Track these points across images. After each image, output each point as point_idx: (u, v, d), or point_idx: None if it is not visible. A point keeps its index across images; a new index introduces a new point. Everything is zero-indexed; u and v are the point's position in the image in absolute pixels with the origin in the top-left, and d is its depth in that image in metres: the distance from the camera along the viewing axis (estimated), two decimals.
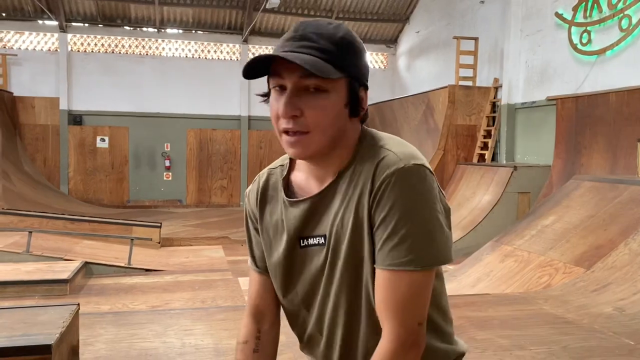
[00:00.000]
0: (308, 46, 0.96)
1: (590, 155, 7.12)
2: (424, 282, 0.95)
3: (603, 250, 4.39)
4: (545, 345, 2.92)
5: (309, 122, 0.97)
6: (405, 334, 0.94)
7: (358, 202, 0.99)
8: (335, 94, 0.97)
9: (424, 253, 0.94)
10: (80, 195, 12.22)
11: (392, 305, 0.95)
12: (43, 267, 5.47)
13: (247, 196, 1.18)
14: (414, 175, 0.95)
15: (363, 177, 0.99)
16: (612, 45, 6.83)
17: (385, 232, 0.95)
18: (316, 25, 0.99)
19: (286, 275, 1.09)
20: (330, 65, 0.95)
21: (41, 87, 12.06)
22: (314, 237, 1.04)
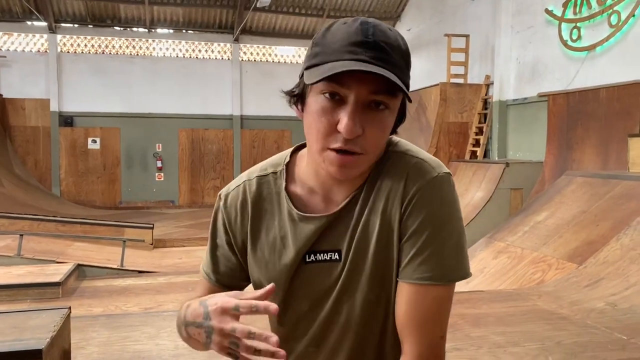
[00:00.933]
0: (382, 58, 0.84)
1: (582, 151, 7.15)
2: (448, 295, 0.93)
3: (595, 246, 4.40)
4: (539, 342, 2.93)
5: (369, 142, 0.87)
6: (428, 349, 0.91)
7: (384, 213, 0.92)
8: (393, 112, 0.89)
9: (453, 267, 0.91)
10: (72, 197, 12.14)
11: (417, 320, 0.91)
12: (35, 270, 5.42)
13: (224, 200, 1.04)
14: (446, 186, 0.92)
15: (389, 186, 0.93)
16: (602, 41, 6.87)
17: (416, 244, 0.90)
18: (382, 31, 0.86)
19: (285, 292, 1.00)
20: (401, 81, 0.85)
21: (31, 88, 11.97)
22: (325, 253, 0.96)
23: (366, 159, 0.89)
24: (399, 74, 0.85)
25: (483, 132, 9.02)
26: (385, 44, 0.85)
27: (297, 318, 1.01)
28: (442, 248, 0.90)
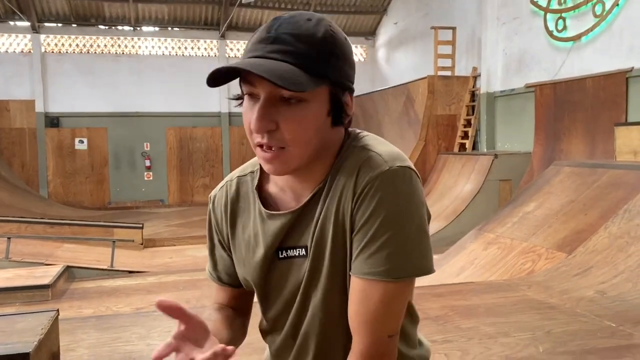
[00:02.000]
0: (283, 51, 0.84)
1: (569, 141, 7.20)
2: (399, 293, 0.89)
3: (584, 235, 4.43)
4: (530, 331, 2.94)
5: (286, 136, 0.86)
6: (373, 347, 0.89)
7: (338, 208, 0.92)
8: (316, 103, 0.87)
9: (403, 263, 0.87)
10: (60, 198, 12.04)
11: (363, 316, 0.89)
12: (23, 273, 5.38)
13: (212, 201, 1.08)
14: (399, 179, 0.88)
15: (343, 181, 0.91)
16: (587, 31, 6.90)
17: (365, 238, 0.88)
18: (293, 24, 0.86)
19: (263, 288, 1.02)
20: (307, 74, 0.84)
21: (15, 89, 11.84)
22: (295, 249, 0.97)
23: (292, 153, 0.88)
24: (306, 64, 0.84)
25: (471, 124, 9.05)
26: (290, 35, 0.84)
27: (277, 312, 1.03)
28: (392, 243, 0.86)
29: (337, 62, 0.88)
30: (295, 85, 0.82)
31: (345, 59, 0.90)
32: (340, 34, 0.90)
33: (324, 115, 0.89)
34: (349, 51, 0.91)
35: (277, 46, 0.84)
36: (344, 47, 0.90)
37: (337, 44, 0.88)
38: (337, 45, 0.88)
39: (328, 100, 0.89)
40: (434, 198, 8.16)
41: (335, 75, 0.88)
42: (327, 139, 0.93)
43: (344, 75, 0.90)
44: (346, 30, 13.66)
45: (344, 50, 0.90)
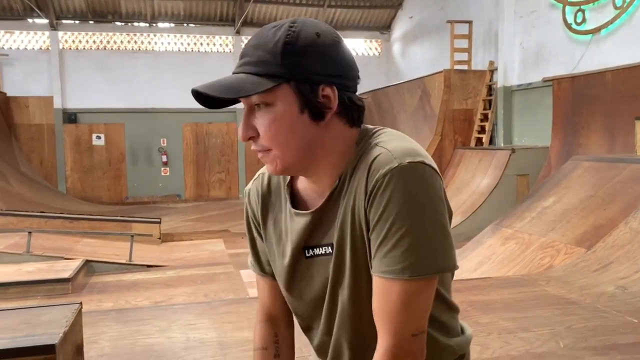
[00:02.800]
0: (245, 63, 0.91)
1: (588, 135, 7.11)
2: (419, 291, 0.88)
3: (604, 230, 4.39)
4: (549, 327, 2.92)
5: (265, 139, 0.92)
6: (396, 347, 0.88)
7: (354, 206, 0.93)
8: (281, 104, 0.89)
9: (420, 260, 0.86)
10: (78, 193, 12.19)
11: (385, 315, 0.89)
12: (44, 267, 5.46)
13: (247, 195, 1.12)
14: (409, 175, 0.87)
15: (358, 179, 0.92)
16: (606, 24, 6.80)
17: (379, 237, 0.88)
18: (256, 36, 0.92)
19: (292, 284, 1.05)
20: (262, 77, 0.88)
21: (34, 86, 11.99)
22: (321, 247, 0.99)
23: (276, 153, 0.92)
24: (262, 70, 0.89)
25: (488, 119, 8.98)
26: (251, 46, 0.91)
27: (307, 310, 1.06)
28: (406, 240, 0.86)
29: (298, 59, 0.89)
30: (238, 92, 0.87)
31: (310, 54, 0.89)
32: (305, 32, 0.90)
33: (294, 113, 0.90)
34: (319, 46, 0.90)
35: (242, 60, 0.92)
36: (310, 44, 0.90)
37: (297, 43, 0.89)
38: (297, 44, 0.89)
39: (295, 98, 0.90)
40: (450, 193, 8.11)
41: (294, 72, 0.89)
42: (321, 137, 0.93)
43: (309, 70, 0.89)
44: (361, 25, 13.62)
45: (310, 46, 0.90)
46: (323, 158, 0.95)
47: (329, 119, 0.93)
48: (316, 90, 0.90)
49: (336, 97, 0.92)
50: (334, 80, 0.91)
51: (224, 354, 2.69)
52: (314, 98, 0.90)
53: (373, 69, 13.46)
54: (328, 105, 0.92)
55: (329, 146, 0.95)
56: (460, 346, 1.05)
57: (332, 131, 0.94)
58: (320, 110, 0.91)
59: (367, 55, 13.94)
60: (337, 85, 0.92)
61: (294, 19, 0.93)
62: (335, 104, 0.92)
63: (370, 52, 14.01)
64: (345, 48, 0.95)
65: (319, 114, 0.92)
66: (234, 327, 3.08)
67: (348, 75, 0.94)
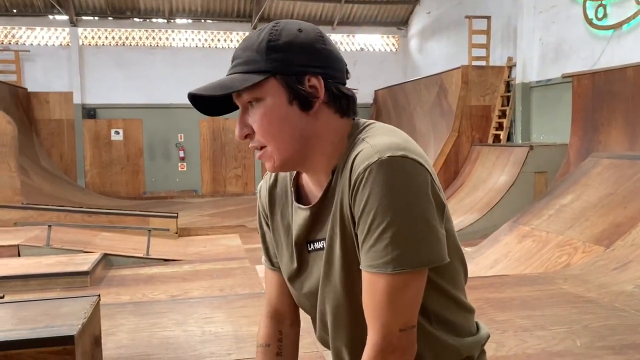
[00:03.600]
0: (235, 64, 0.96)
1: (608, 132, 7.00)
2: (404, 285, 0.87)
3: (623, 228, 4.33)
4: (566, 325, 2.90)
5: (260, 136, 0.95)
6: (383, 342, 0.88)
7: (342, 202, 0.94)
8: (270, 98, 0.93)
9: (403, 254, 0.86)
10: (97, 188, 12.34)
11: (372, 310, 0.89)
12: (64, 260, 5.54)
13: (259, 191, 1.17)
14: (389, 168, 0.86)
15: (345, 174, 0.93)
16: (628, 19, 6.68)
17: (363, 232, 0.89)
18: (245, 39, 0.98)
19: (295, 276, 1.07)
20: (250, 73, 0.92)
21: (54, 82, 12.15)
22: (318, 241, 1.01)
23: (272, 148, 0.95)
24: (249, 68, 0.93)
25: (506, 115, 8.89)
26: (240, 49, 0.96)
27: (309, 303, 1.08)
28: (387, 234, 0.86)
29: (280, 54, 0.92)
30: (228, 88, 0.92)
31: (293, 48, 0.93)
32: (287, 29, 0.94)
33: (284, 105, 0.93)
34: (301, 40, 0.94)
35: (233, 62, 0.96)
36: (292, 39, 0.93)
37: (280, 39, 0.93)
38: (280, 40, 0.93)
39: (283, 91, 0.93)
40: (466, 190, 8.07)
41: (279, 66, 0.92)
42: (312, 128, 0.95)
43: (293, 63, 0.93)
44: (378, 21, 13.55)
45: (293, 41, 0.93)
46: (317, 149, 0.97)
47: (317, 108, 0.95)
48: (302, 81, 0.93)
49: (322, 87, 0.94)
50: (319, 71, 0.94)
51: (239, 348, 2.72)
52: (301, 88, 0.93)
53: (390, 64, 13.40)
54: (315, 94, 0.94)
55: (321, 136, 0.96)
56: (467, 347, 1.03)
57: (322, 120, 0.96)
58: (308, 100, 0.94)
59: (384, 51, 13.87)
60: (324, 75, 0.94)
61: (277, 21, 0.97)
62: (322, 93, 0.94)
63: (387, 47, 13.95)
64: (330, 42, 0.98)
65: (307, 104, 0.94)
66: (249, 321, 3.11)
67: (334, 67, 0.96)
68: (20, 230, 6.72)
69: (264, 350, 1.13)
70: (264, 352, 1.13)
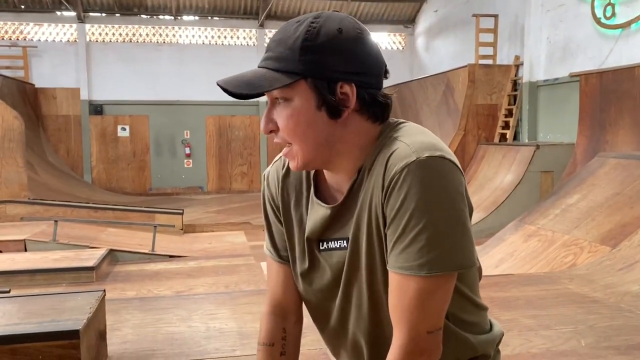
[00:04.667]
0: (267, 57, 0.92)
1: (615, 132, 6.96)
2: (435, 288, 0.86)
3: (629, 228, 4.30)
4: (572, 325, 2.88)
5: (284, 134, 0.93)
6: (411, 343, 0.88)
7: (371, 201, 0.92)
8: (299, 100, 0.90)
9: (438, 257, 0.85)
10: (103, 184, 12.40)
11: (400, 311, 0.88)
12: (70, 255, 5.56)
13: (265, 179, 1.12)
14: (427, 169, 0.85)
15: (376, 173, 0.91)
16: (637, 18, 6.64)
17: (396, 232, 0.87)
18: (280, 31, 0.93)
19: (306, 273, 1.05)
20: (281, 73, 0.89)
21: (62, 78, 12.20)
22: (336, 240, 0.99)
23: (297, 148, 0.93)
24: (280, 66, 0.89)
25: (513, 114, 8.86)
26: (274, 41, 0.92)
27: (317, 299, 1.06)
28: (423, 236, 0.84)
29: (314, 56, 0.88)
30: (254, 88, 0.89)
31: (328, 51, 0.89)
32: (326, 27, 0.90)
33: (311, 109, 0.90)
34: (339, 42, 0.90)
35: (266, 54, 0.93)
36: (330, 40, 0.89)
37: (317, 40, 0.89)
38: (317, 41, 0.89)
39: (312, 95, 0.90)
40: (472, 189, 8.04)
41: (311, 69, 0.89)
42: (340, 133, 0.93)
43: (327, 67, 0.89)
44: (385, 18, 13.52)
45: (330, 43, 0.89)
46: (344, 152, 0.95)
47: (347, 116, 0.92)
48: (334, 88, 0.90)
49: (354, 95, 0.91)
50: (353, 78, 0.90)
51: (243, 344, 2.72)
52: (331, 95, 0.90)
53: (397, 62, 13.36)
54: (346, 103, 0.91)
55: (349, 141, 0.94)
56: (482, 344, 1.03)
57: (351, 127, 0.94)
58: (337, 108, 0.91)
59: (391, 49, 13.85)
60: (357, 83, 0.91)
61: (319, 14, 0.93)
62: (353, 102, 0.91)
63: (394, 45, 13.92)
64: (370, 43, 0.93)
65: (335, 112, 0.91)
66: (253, 318, 3.11)
67: (371, 72, 0.93)
68: (27, 225, 6.76)
69: (267, 350, 1.10)
70: (267, 351, 1.10)
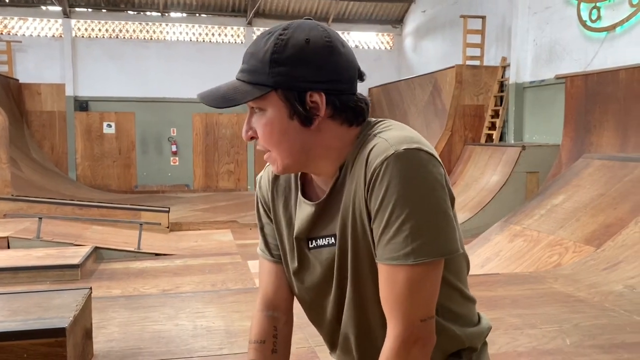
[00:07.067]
0: (241, 70, 0.96)
1: (600, 134, 7.05)
2: (424, 276, 0.89)
3: (613, 229, 4.36)
4: (557, 324, 2.92)
5: (262, 141, 0.97)
6: (406, 332, 0.90)
7: (355, 197, 0.95)
8: (272, 110, 0.94)
9: (423, 245, 0.87)
10: (88, 181, 12.27)
11: (392, 302, 0.90)
12: (54, 253, 5.50)
13: (259, 182, 1.16)
14: (406, 161, 0.88)
15: (358, 170, 0.94)
16: (622, 22, 6.73)
17: (381, 225, 0.90)
18: (254, 43, 0.96)
19: (297, 272, 1.07)
20: (253, 85, 0.92)
21: (46, 73, 12.05)
22: (323, 238, 1.02)
23: (275, 154, 0.97)
24: (252, 79, 0.93)
25: (499, 115, 8.93)
26: (248, 54, 0.96)
27: (310, 296, 1.08)
28: (407, 226, 0.87)
29: (282, 68, 0.91)
30: (229, 101, 0.92)
31: (297, 62, 0.91)
32: (294, 39, 0.91)
33: (284, 118, 0.93)
34: (307, 53, 0.91)
35: (242, 66, 0.97)
36: (297, 52, 0.91)
37: (284, 51, 0.91)
38: (284, 52, 0.91)
39: (283, 105, 0.93)
40: (459, 189, 8.09)
41: (281, 81, 0.91)
42: (316, 139, 0.95)
43: (294, 78, 0.91)
44: (373, 18, 13.55)
45: (297, 54, 0.91)
46: (321, 156, 0.98)
47: (320, 123, 0.95)
48: (304, 97, 0.93)
49: (324, 103, 0.93)
50: (322, 87, 0.93)
51: (230, 343, 2.71)
52: (302, 105, 0.93)
53: (384, 62, 13.40)
54: (316, 111, 0.94)
55: (325, 145, 0.97)
56: (470, 337, 1.05)
57: (325, 133, 0.96)
58: (308, 117, 0.94)
59: (379, 49, 13.88)
60: (327, 91, 0.93)
61: (288, 24, 0.95)
62: (323, 110, 0.94)
63: (381, 45, 13.95)
64: (339, 51, 0.95)
65: (307, 120, 0.94)
66: (241, 316, 3.10)
67: (341, 79, 0.95)
68: (10, 222, 6.68)
69: (258, 347, 1.10)
70: (258, 348, 1.10)
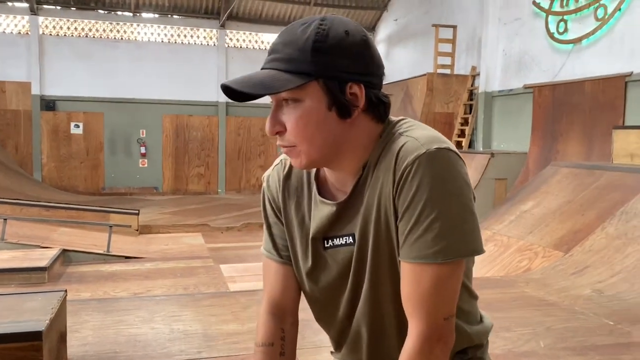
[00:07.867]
0: (274, 59, 0.92)
1: (566, 142, 7.26)
2: (450, 275, 0.90)
3: (581, 235, 4.49)
4: (530, 327, 2.99)
5: (291, 135, 0.93)
6: (429, 330, 0.90)
7: (380, 196, 0.94)
8: (310, 101, 0.91)
9: (451, 244, 0.88)
10: (54, 182, 11.96)
11: (416, 300, 0.91)
12: (19, 255, 5.35)
13: (266, 181, 1.13)
14: (438, 160, 0.89)
15: (384, 169, 0.94)
16: (587, 35, 6.95)
17: (410, 222, 0.90)
18: (286, 32, 0.93)
19: (312, 272, 1.06)
20: (293, 74, 0.89)
21: (12, 71, 11.70)
22: (341, 237, 1.01)
23: (301, 149, 0.94)
24: (290, 67, 0.90)
25: (468, 123, 9.10)
26: (281, 43, 0.92)
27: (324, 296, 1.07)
28: (437, 224, 0.88)
29: (326, 57, 0.90)
30: (269, 88, 0.89)
31: (339, 52, 0.90)
32: (334, 30, 0.91)
33: (322, 110, 0.92)
34: (348, 44, 0.91)
35: (272, 56, 0.93)
36: (339, 42, 0.91)
37: (326, 41, 0.90)
38: (327, 42, 0.90)
39: (323, 96, 0.91)
40: None
41: (322, 70, 0.90)
42: (346, 133, 0.94)
43: (338, 68, 0.91)
44: None
45: (339, 45, 0.91)
46: (348, 152, 0.97)
47: (356, 116, 0.94)
48: (344, 88, 0.92)
49: (363, 95, 0.93)
50: (361, 79, 0.93)
51: (209, 346, 2.69)
52: (342, 96, 0.92)
53: None
54: (355, 103, 0.93)
55: (354, 141, 0.96)
56: (477, 334, 1.07)
57: (358, 127, 0.96)
58: (348, 108, 0.93)
59: None
60: (365, 83, 0.93)
61: (324, 17, 0.94)
62: (363, 102, 0.93)
63: None
64: (372, 47, 0.96)
65: (346, 112, 0.93)
66: (218, 320, 3.08)
67: (375, 73, 0.95)
68: None
69: (266, 350, 1.09)
70: (266, 351, 1.09)
